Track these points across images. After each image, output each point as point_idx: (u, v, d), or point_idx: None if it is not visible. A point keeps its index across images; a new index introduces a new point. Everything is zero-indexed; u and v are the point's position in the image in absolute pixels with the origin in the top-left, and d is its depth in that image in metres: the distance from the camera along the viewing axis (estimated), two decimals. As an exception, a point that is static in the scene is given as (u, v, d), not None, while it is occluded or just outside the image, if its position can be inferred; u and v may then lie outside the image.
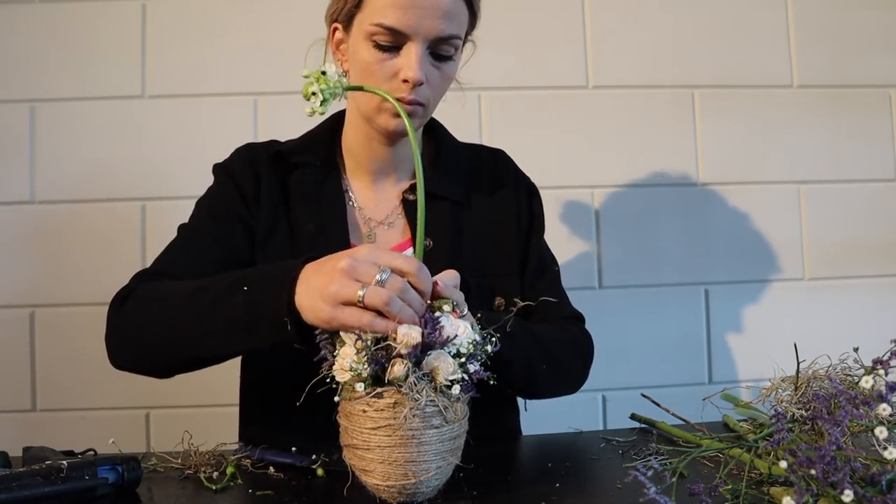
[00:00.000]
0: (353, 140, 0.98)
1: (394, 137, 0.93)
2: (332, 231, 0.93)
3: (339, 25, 0.91)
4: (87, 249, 1.41)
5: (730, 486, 0.64)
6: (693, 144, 1.50)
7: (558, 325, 0.98)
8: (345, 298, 0.64)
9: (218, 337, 0.74)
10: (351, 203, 0.97)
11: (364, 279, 0.64)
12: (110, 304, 0.87)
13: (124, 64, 1.43)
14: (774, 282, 1.51)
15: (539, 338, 0.90)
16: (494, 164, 1.06)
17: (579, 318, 1.04)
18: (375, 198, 0.99)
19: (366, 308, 0.64)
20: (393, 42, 0.84)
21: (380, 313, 0.64)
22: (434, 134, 1.04)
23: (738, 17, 1.51)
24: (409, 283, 0.65)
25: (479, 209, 1.00)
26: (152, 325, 0.80)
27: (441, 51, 0.86)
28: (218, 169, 1.00)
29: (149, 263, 0.94)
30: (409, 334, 0.63)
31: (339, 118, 1.02)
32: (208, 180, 1.00)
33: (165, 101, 1.43)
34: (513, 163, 1.08)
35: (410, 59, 0.84)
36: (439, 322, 0.65)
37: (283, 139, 1.07)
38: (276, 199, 0.95)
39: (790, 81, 1.52)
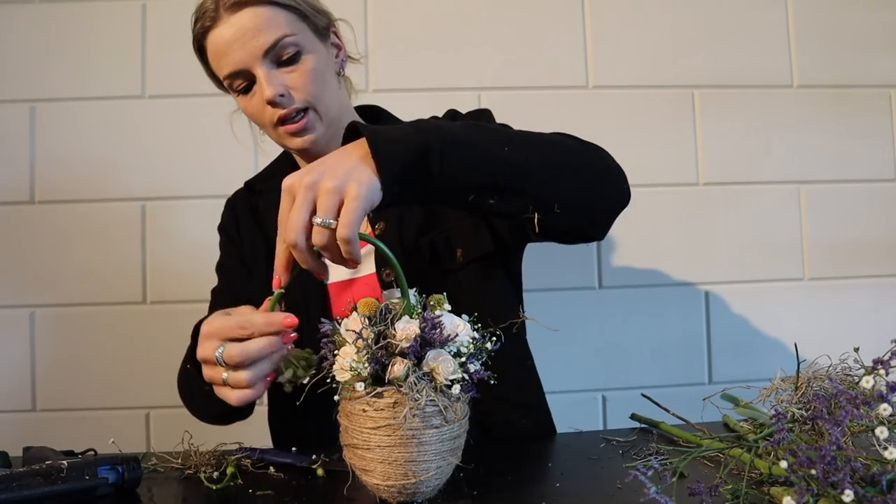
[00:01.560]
0: (299, 162, 1.04)
1: (307, 153, 0.95)
2: None
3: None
4: (87, 249, 1.41)
5: (730, 486, 0.64)
6: (693, 144, 1.50)
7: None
8: (204, 359, 0.72)
9: (214, 413, 0.91)
10: None
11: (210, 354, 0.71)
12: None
13: (124, 64, 1.43)
14: (774, 282, 1.51)
15: (476, 125, 0.74)
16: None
17: (563, 135, 0.83)
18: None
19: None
20: (244, 83, 0.90)
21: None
22: (377, 121, 1.05)
23: (738, 17, 1.51)
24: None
25: None
26: (188, 407, 0.97)
27: (282, 56, 0.88)
28: (219, 229, 1.11)
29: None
30: (406, 328, 0.63)
31: None
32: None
33: (165, 101, 1.43)
34: (455, 111, 1.05)
35: (260, 85, 0.88)
36: (439, 320, 0.65)
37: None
38: (254, 229, 1.04)
39: (790, 81, 1.52)
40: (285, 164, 1.07)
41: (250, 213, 1.06)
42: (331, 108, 0.93)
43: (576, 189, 0.76)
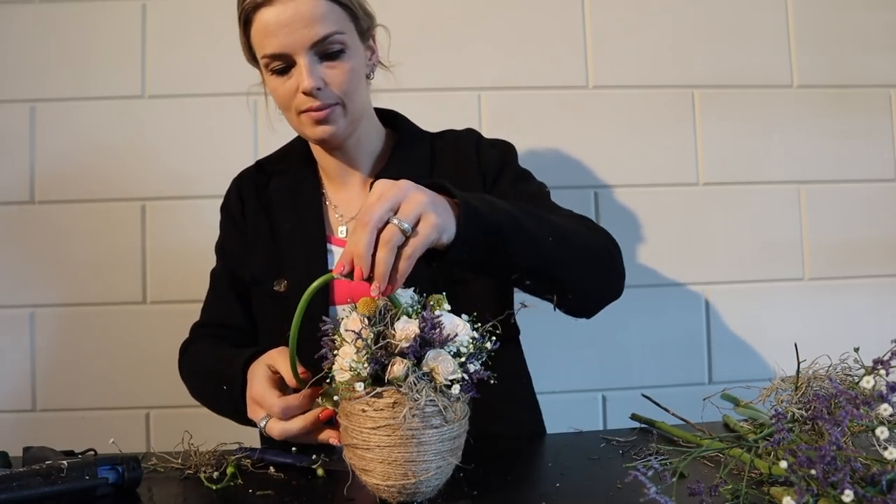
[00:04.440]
0: (314, 151, 1.06)
1: (328, 144, 0.99)
2: (308, 228, 1.01)
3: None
4: (87, 249, 1.41)
5: (730, 486, 0.64)
6: (693, 144, 1.50)
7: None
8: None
9: (230, 417, 0.92)
10: (327, 202, 1.04)
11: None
12: (179, 353, 1.07)
13: (124, 64, 1.42)
14: (774, 282, 1.51)
15: (532, 210, 0.83)
16: (457, 140, 1.07)
17: (583, 218, 0.96)
18: (349, 197, 1.04)
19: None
20: (282, 65, 0.91)
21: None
22: (395, 126, 1.08)
23: (738, 17, 1.51)
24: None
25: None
26: (193, 390, 1.03)
27: (327, 50, 0.91)
28: (221, 209, 1.11)
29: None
30: (406, 328, 0.63)
31: None
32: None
33: (165, 101, 1.43)
34: (477, 134, 1.08)
35: (300, 72, 0.90)
36: (439, 320, 0.65)
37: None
38: (258, 209, 1.05)
39: (790, 81, 1.52)
40: (299, 148, 1.08)
41: (256, 193, 1.07)
42: (357, 107, 0.96)
43: (592, 282, 0.89)
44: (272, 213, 1.04)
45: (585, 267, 0.86)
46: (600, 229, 0.94)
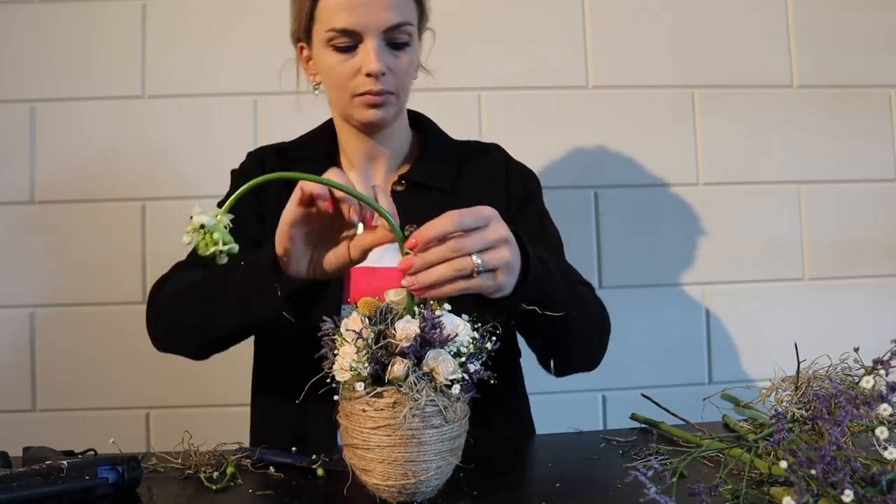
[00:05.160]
0: (343, 139, 1.03)
1: (372, 128, 0.97)
2: None
3: (303, 43, 0.97)
4: (87, 249, 1.41)
5: (730, 486, 0.64)
6: (693, 144, 1.50)
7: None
8: (291, 212, 0.71)
9: (228, 313, 0.82)
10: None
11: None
12: (149, 292, 0.96)
13: (124, 64, 1.42)
14: (774, 282, 1.51)
15: (568, 276, 0.87)
16: (485, 154, 1.07)
17: (589, 286, 1.01)
18: (367, 191, 1.00)
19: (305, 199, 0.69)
20: (349, 42, 0.89)
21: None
22: (422, 128, 1.07)
23: (738, 17, 1.51)
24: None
25: (466, 196, 1.00)
26: (177, 307, 0.90)
27: (396, 39, 0.90)
28: (234, 173, 1.06)
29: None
30: (406, 328, 0.63)
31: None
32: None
33: (165, 101, 1.43)
34: (504, 152, 1.09)
35: (368, 53, 0.89)
36: (439, 320, 0.65)
37: (283, 139, 1.07)
38: (282, 192, 0.98)
39: (790, 81, 1.52)
40: (324, 137, 1.06)
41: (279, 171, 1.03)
42: (404, 101, 0.97)
43: (589, 355, 0.95)
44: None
45: (591, 345, 0.94)
46: (601, 302, 0.99)
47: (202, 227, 0.60)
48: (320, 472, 0.77)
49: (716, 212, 1.50)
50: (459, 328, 0.66)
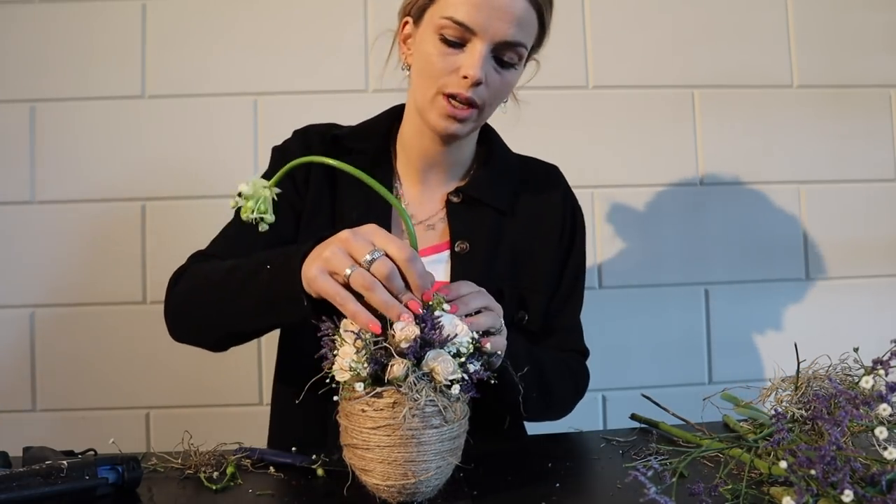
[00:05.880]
0: (407, 134, 0.98)
1: (444, 138, 0.93)
2: (374, 222, 0.92)
3: (410, 19, 0.92)
4: (87, 249, 1.41)
5: (730, 486, 0.64)
6: (693, 144, 1.50)
7: (562, 357, 0.99)
8: (333, 268, 0.66)
9: (250, 313, 0.79)
10: (397, 198, 0.97)
11: (356, 254, 0.66)
12: (168, 283, 0.92)
13: (124, 64, 1.42)
14: (774, 282, 1.51)
15: (539, 364, 0.89)
16: (546, 178, 1.05)
17: (584, 354, 1.04)
18: (421, 197, 0.98)
19: (348, 287, 0.65)
20: (460, 37, 0.85)
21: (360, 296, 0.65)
22: (488, 141, 1.03)
23: (738, 17, 1.51)
24: (398, 270, 0.65)
25: (522, 221, 0.99)
26: (198, 302, 0.86)
27: (505, 56, 0.86)
28: (275, 152, 1.00)
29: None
30: (406, 329, 0.63)
31: (398, 111, 1.01)
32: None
33: (165, 101, 1.43)
34: (565, 181, 1.07)
35: (473, 57, 0.84)
36: (439, 320, 0.65)
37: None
38: (325, 183, 0.96)
39: (790, 81, 1.52)
40: (382, 128, 1.00)
41: (328, 166, 0.95)
42: (485, 119, 0.93)
43: (539, 418, 0.99)
44: (337, 191, 0.96)
45: (543, 412, 0.97)
46: (583, 379, 1.03)
47: (243, 195, 0.63)
48: (320, 472, 0.77)
49: (716, 212, 1.50)
50: (459, 328, 0.66)
